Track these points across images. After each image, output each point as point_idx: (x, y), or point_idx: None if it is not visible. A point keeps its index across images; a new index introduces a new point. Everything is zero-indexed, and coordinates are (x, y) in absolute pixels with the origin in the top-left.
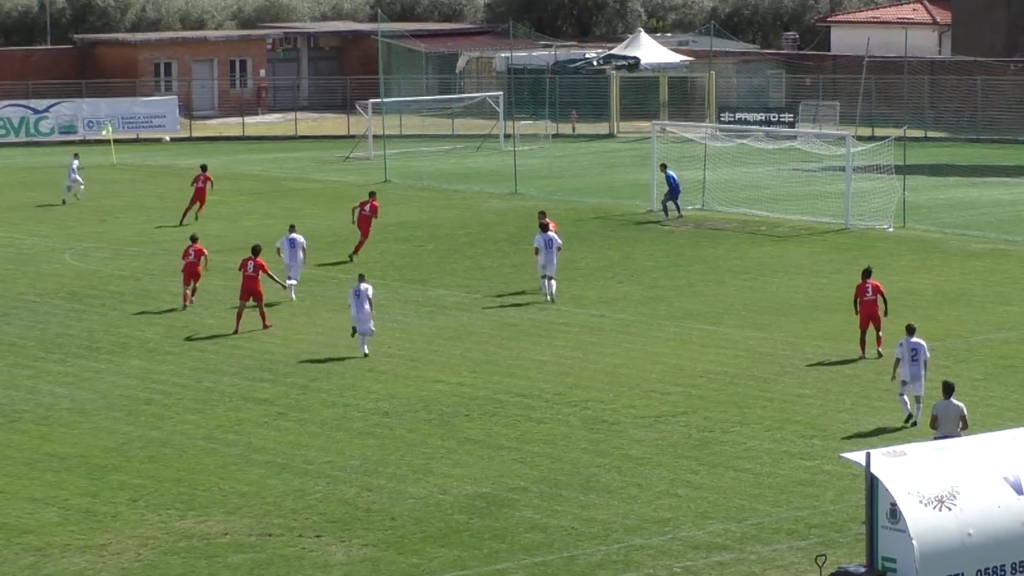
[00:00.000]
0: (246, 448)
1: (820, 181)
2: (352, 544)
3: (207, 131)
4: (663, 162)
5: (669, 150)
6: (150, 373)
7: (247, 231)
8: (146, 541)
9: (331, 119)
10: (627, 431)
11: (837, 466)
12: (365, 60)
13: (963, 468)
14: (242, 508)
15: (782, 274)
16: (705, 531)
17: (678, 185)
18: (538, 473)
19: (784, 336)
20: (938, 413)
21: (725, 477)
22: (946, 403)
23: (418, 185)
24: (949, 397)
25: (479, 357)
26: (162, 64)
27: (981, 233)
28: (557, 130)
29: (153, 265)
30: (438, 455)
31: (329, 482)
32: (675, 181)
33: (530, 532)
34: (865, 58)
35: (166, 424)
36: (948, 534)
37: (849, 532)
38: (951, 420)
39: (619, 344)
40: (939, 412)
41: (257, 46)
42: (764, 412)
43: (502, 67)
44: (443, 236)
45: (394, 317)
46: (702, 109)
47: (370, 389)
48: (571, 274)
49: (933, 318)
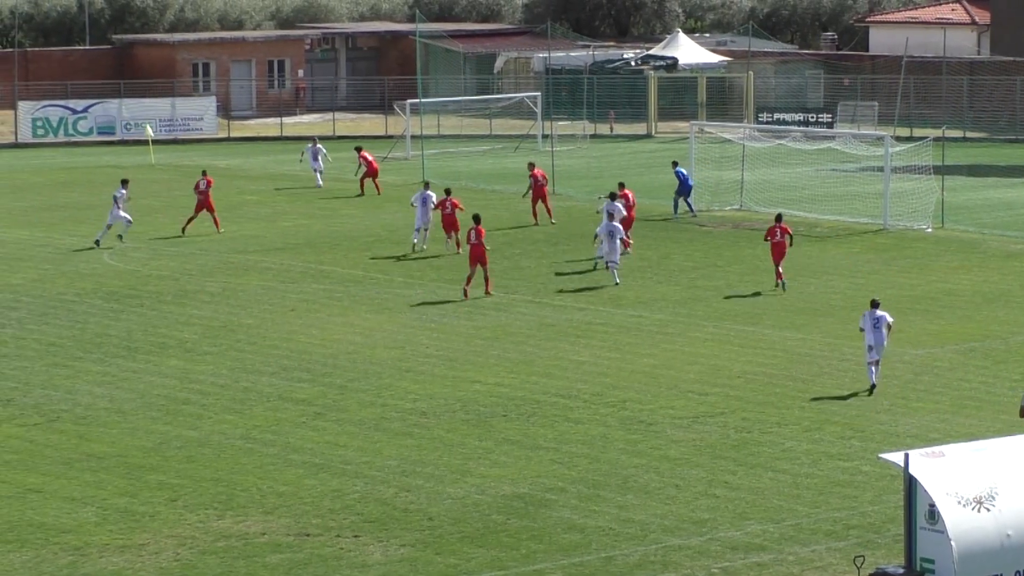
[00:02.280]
0: (284, 448)
1: (858, 181)
2: (390, 544)
3: (245, 131)
4: (674, 159)
5: (707, 150)
6: (188, 373)
7: (285, 231)
8: (184, 541)
9: (369, 119)
10: (665, 432)
11: (875, 467)
12: (403, 60)
13: (1002, 469)
14: (280, 508)
15: (820, 274)
16: (743, 532)
17: (690, 182)
18: (576, 474)
19: (822, 337)
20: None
21: (763, 478)
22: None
23: (456, 185)
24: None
25: (517, 357)
26: (200, 64)
27: (1020, 234)
28: (595, 130)
29: (191, 265)
30: (476, 455)
31: (367, 482)
32: (685, 177)
33: (568, 533)
34: (904, 58)
35: (204, 424)
36: (987, 535)
37: (887, 533)
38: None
39: (657, 344)
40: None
41: (295, 46)
42: (802, 413)
43: (540, 67)
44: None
45: (432, 317)
46: (740, 109)
47: (408, 389)
48: (609, 274)
49: (971, 318)
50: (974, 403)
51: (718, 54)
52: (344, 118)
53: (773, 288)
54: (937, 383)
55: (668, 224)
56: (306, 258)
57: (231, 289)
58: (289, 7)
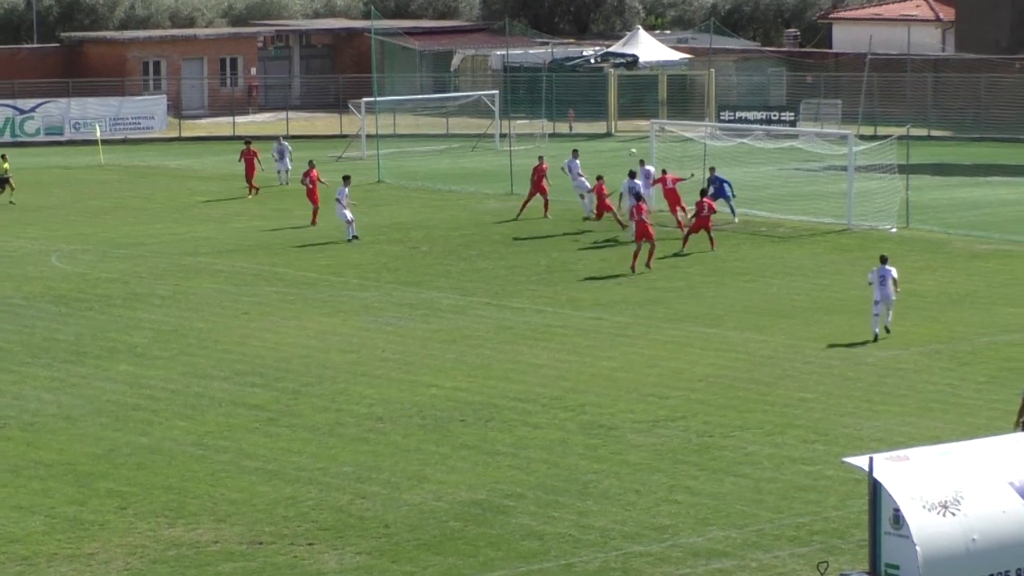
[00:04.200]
0: (237, 454)
1: (822, 181)
2: (345, 552)
3: (197, 131)
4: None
5: (668, 149)
6: (138, 378)
7: (237, 233)
8: (134, 550)
9: (323, 118)
10: (625, 436)
11: (839, 471)
12: (358, 58)
13: (967, 473)
14: (233, 516)
15: (783, 275)
16: (705, 538)
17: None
18: (535, 479)
19: (785, 339)
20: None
21: (725, 483)
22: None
23: (412, 185)
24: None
25: (474, 361)
26: (151, 63)
27: (985, 234)
28: (554, 129)
29: (141, 267)
30: (433, 461)
31: (321, 489)
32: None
33: (526, 539)
34: (867, 56)
35: (155, 430)
36: (952, 540)
37: (852, 538)
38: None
39: (617, 347)
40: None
41: (248, 44)
42: (765, 416)
43: (498, 65)
44: (438, 237)
45: (387, 320)
46: (701, 108)
47: (363, 394)
48: (567, 276)
49: (936, 319)
50: (939, 406)
51: (679, 51)
52: (298, 117)
53: None
54: (902, 385)
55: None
56: (259, 260)
57: (182, 292)
58: (242, 4)
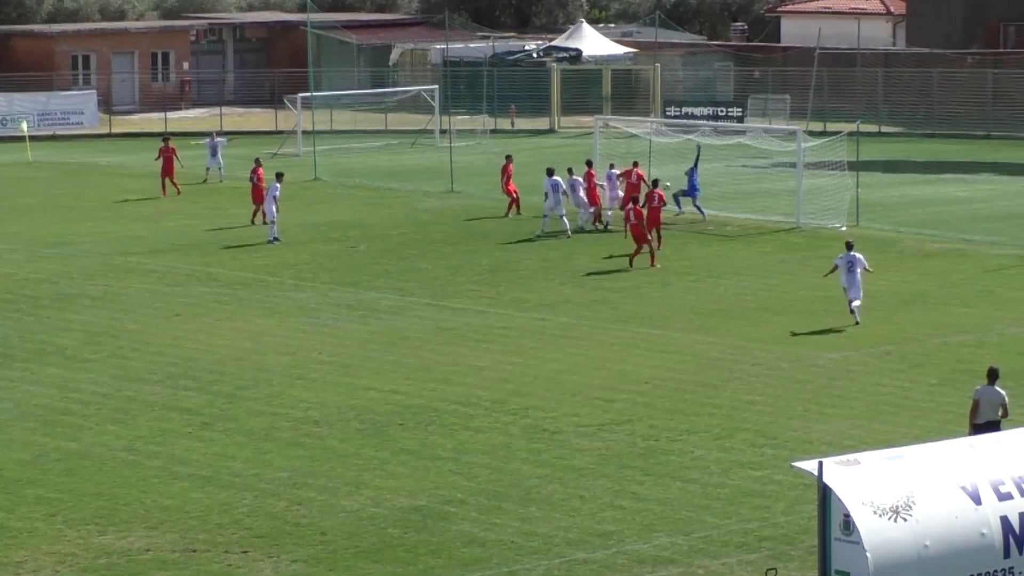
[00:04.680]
0: (169, 460)
1: (770, 178)
2: (281, 560)
3: (128, 127)
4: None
5: (613, 146)
6: (68, 382)
7: (170, 232)
8: (64, 558)
9: (258, 114)
10: (569, 440)
11: (788, 476)
12: (294, 52)
13: (919, 477)
14: (165, 523)
15: (731, 275)
16: (651, 544)
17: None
18: (476, 485)
19: (733, 340)
20: (980, 398)
21: (672, 488)
22: (989, 389)
23: (350, 183)
24: (993, 383)
25: (414, 363)
26: (80, 57)
27: (937, 232)
28: (495, 125)
29: (71, 267)
30: (371, 466)
31: (256, 495)
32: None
33: (468, 547)
34: (816, 50)
35: (85, 435)
36: (903, 546)
37: (801, 545)
38: (993, 406)
39: (561, 349)
40: (981, 397)
41: (180, 38)
42: (712, 420)
43: (437, 59)
44: (376, 236)
45: (324, 321)
46: (647, 103)
47: (299, 397)
48: (510, 276)
49: (888, 320)
50: (890, 408)
51: (623, 45)
52: (232, 113)
53: None
54: (852, 388)
55: (572, 223)
56: (192, 260)
57: (113, 293)
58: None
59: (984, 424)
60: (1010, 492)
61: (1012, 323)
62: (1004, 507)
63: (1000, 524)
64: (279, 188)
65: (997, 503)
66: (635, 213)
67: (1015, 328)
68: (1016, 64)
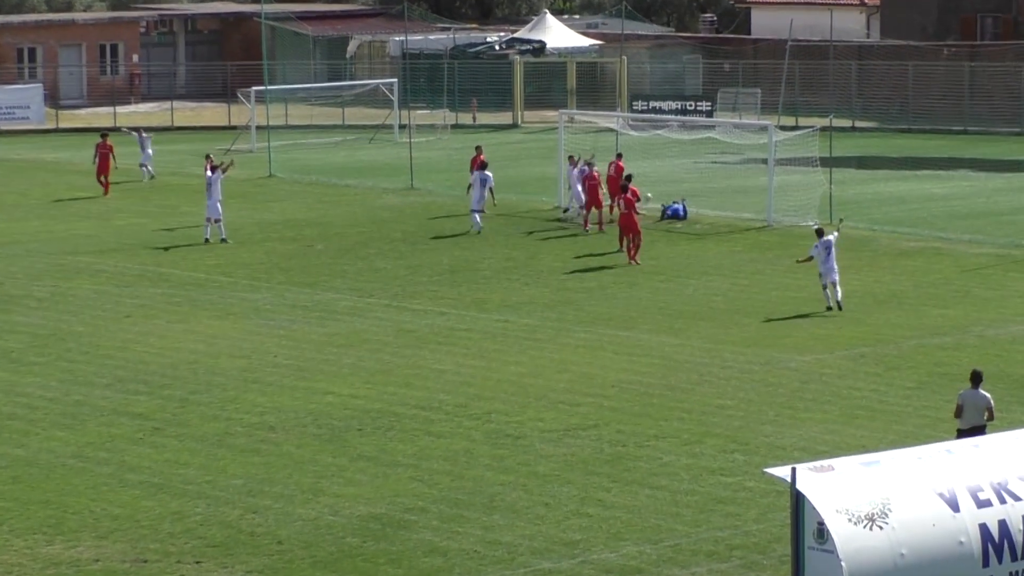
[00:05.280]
0: (119, 467)
1: (740, 174)
2: (235, 570)
3: (75, 121)
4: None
5: (578, 141)
6: (14, 386)
7: (119, 230)
8: (10, 568)
9: (211, 108)
10: (534, 446)
11: (760, 482)
12: (247, 44)
13: (895, 484)
14: (115, 532)
15: (700, 275)
16: (618, 554)
17: None
18: (437, 492)
19: (702, 342)
20: (964, 402)
21: (640, 495)
22: (973, 392)
23: (306, 180)
24: (977, 387)
25: (373, 366)
26: (25, 49)
27: (913, 230)
28: (456, 120)
29: (16, 267)
30: (328, 473)
31: (210, 503)
32: None
33: (429, 556)
34: (788, 42)
35: (31, 441)
36: (879, 555)
37: (773, 553)
38: (978, 410)
39: (524, 351)
40: (965, 401)
41: (129, 29)
42: (681, 425)
43: (396, 52)
44: (333, 235)
45: (280, 323)
46: (613, 97)
47: (254, 402)
48: (472, 276)
49: (862, 322)
50: (865, 413)
51: (589, 37)
52: (183, 107)
53: None
54: (826, 391)
55: (535, 222)
56: (142, 260)
57: (61, 294)
58: None
59: (969, 429)
60: (989, 499)
61: (991, 324)
62: (983, 514)
63: (979, 532)
64: None
65: (976, 510)
66: (625, 202)
67: (994, 329)
68: (993, 57)
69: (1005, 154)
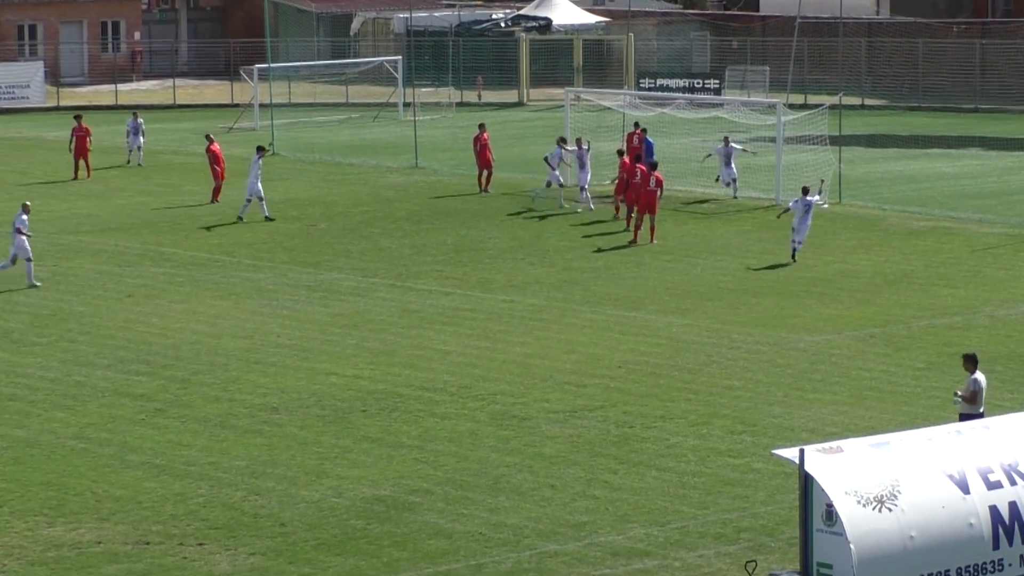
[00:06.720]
0: (121, 448)
1: (748, 153)
2: (238, 552)
3: (76, 99)
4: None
5: (584, 119)
6: (14, 366)
7: (121, 210)
8: (11, 551)
9: (213, 86)
10: (539, 427)
11: (768, 464)
12: (250, 21)
13: (905, 465)
14: (117, 514)
15: (708, 254)
16: (625, 536)
17: None
18: (442, 474)
19: (710, 322)
20: (979, 389)
21: (647, 477)
22: (975, 378)
23: (309, 158)
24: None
25: (377, 347)
26: (26, 26)
27: (923, 209)
28: (461, 98)
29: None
30: (332, 455)
31: (212, 485)
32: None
33: (434, 538)
34: (797, 19)
35: (32, 422)
36: (888, 537)
37: (781, 536)
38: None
39: (530, 332)
40: (979, 388)
41: (131, 6)
42: (688, 406)
43: (401, 29)
44: (337, 214)
45: (283, 304)
46: (620, 75)
47: (257, 383)
48: (477, 256)
49: (871, 302)
50: (874, 394)
51: (595, 14)
52: (186, 85)
53: None
54: (834, 372)
55: (541, 201)
56: (144, 239)
57: (62, 273)
58: None
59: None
60: (999, 481)
61: (1001, 304)
62: (993, 496)
63: (989, 514)
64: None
65: (986, 492)
66: (643, 176)
67: (1004, 310)
68: (1005, 34)
69: (1016, 133)
